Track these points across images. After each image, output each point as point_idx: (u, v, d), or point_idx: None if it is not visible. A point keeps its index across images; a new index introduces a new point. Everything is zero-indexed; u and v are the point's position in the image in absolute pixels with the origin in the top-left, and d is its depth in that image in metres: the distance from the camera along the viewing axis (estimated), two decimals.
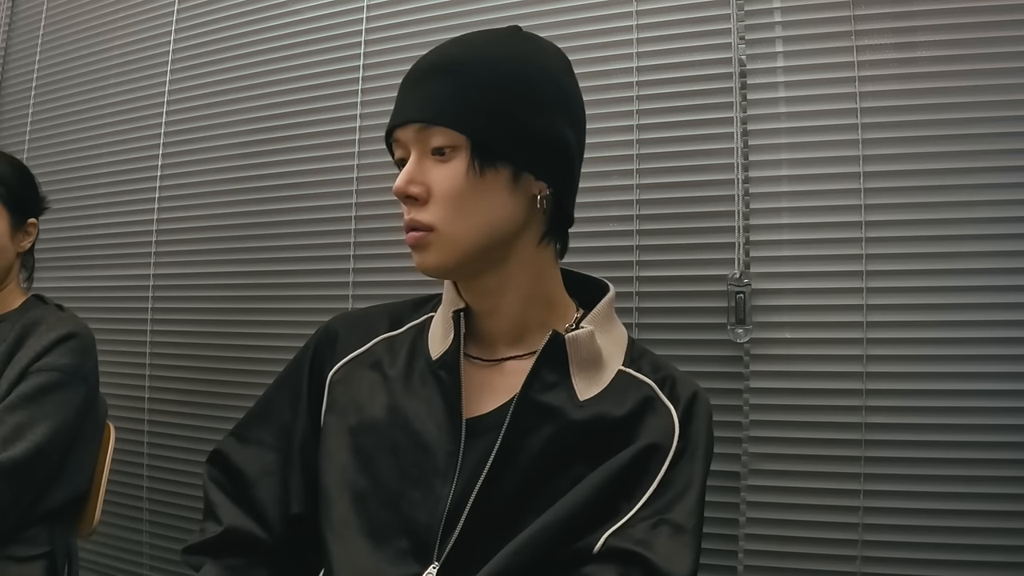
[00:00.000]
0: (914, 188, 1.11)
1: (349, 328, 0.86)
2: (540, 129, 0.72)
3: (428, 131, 0.71)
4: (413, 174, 0.72)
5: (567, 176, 0.76)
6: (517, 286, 0.76)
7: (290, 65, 1.55)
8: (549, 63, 0.76)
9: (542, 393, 0.73)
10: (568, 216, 0.79)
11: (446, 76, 0.72)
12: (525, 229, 0.75)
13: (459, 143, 0.70)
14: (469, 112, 0.70)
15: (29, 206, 1.28)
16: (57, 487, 1.19)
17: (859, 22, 1.14)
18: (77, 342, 1.21)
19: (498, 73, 0.71)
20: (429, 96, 0.71)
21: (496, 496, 0.71)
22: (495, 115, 0.70)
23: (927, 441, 1.08)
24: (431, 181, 0.72)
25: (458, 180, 0.70)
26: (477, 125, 0.70)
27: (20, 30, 2.03)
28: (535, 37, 0.79)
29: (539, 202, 0.73)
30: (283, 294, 1.52)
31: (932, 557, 1.06)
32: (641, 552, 0.66)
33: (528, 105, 0.72)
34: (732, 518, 1.16)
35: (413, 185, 0.72)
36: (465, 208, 0.71)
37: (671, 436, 0.72)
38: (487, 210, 0.71)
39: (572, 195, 0.79)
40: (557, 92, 0.75)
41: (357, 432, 0.78)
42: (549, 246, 0.78)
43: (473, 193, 0.71)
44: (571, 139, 0.75)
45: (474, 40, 0.76)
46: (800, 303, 1.15)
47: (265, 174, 1.56)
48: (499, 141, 0.71)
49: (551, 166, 0.74)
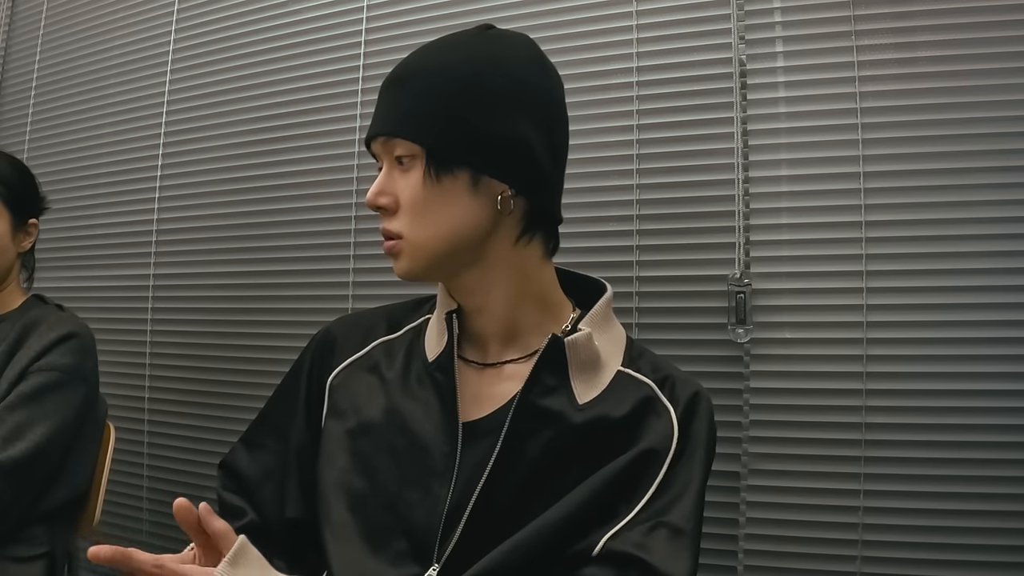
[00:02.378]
0: (914, 188, 1.11)
1: (347, 332, 0.87)
2: (496, 131, 0.72)
3: (391, 143, 0.74)
4: (383, 186, 0.74)
5: (531, 175, 0.74)
6: (499, 285, 0.76)
7: (290, 65, 1.55)
8: (512, 62, 0.74)
9: (542, 397, 0.73)
10: (548, 214, 0.77)
11: (403, 87, 0.74)
12: (496, 230, 0.74)
13: (416, 152, 0.72)
14: (420, 121, 0.72)
15: (30, 206, 1.28)
16: (57, 487, 1.19)
17: (859, 22, 1.14)
18: (77, 342, 1.21)
19: (452, 79, 0.72)
20: (391, 108, 0.74)
21: (496, 499, 0.71)
22: (448, 121, 0.71)
23: (927, 441, 1.08)
24: (398, 191, 0.74)
25: (417, 188, 0.72)
26: (429, 134, 0.71)
27: (20, 30, 2.03)
28: (503, 35, 0.78)
29: (499, 203, 0.73)
30: (283, 294, 1.52)
31: (932, 557, 1.06)
32: (640, 555, 0.66)
33: (481, 108, 0.72)
34: (732, 518, 1.16)
35: (382, 196, 0.74)
36: (427, 215, 0.72)
37: (670, 437, 0.72)
38: (448, 216, 0.72)
39: (548, 193, 0.77)
40: (518, 91, 0.73)
41: (355, 435, 0.78)
42: (532, 245, 0.77)
43: (432, 200, 0.72)
44: (532, 138, 0.73)
45: (436, 46, 0.77)
46: (800, 303, 1.15)
47: (265, 174, 1.56)
48: (452, 147, 0.71)
49: (510, 167, 0.73)
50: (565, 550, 0.68)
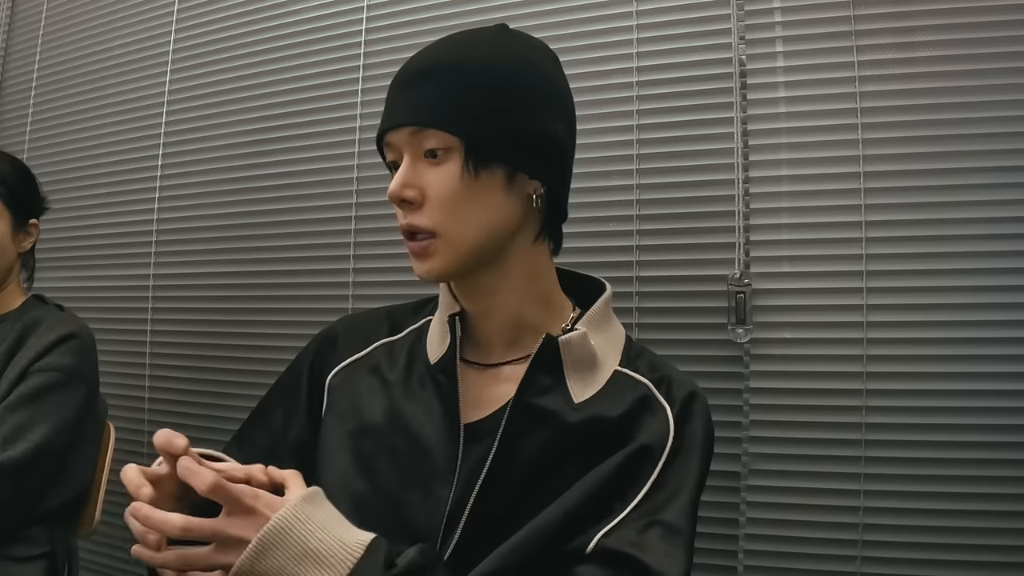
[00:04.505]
0: (914, 188, 1.11)
1: (349, 331, 0.87)
2: (533, 129, 0.72)
3: (421, 134, 0.71)
4: (407, 178, 0.72)
5: (561, 173, 0.76)
6: (512, 285, 0.76)
7: (290, 65, 1.55)
8: (538, 61, 0.76)
9: (537, 397, 0.73)
10: (562, 211, 0.79)
11: (436, 78, 0.72)
12: (521, 228, 0.75)
13: (452, 145, 0.70)
14: (461, 114, 0.70)
15: (30, 206, 1.28)
16: (57, 487, 1.19)
17: (859, 22, 1.14)
18: (77, 342, 1.21)
19: (489, 73, 0.71)
20: (420, 99, 0.71)
21: (494, 500, 0.71)
22: (488, 116, 0.70)
23: (927, 441, 1.08)
24: (425, 184, 0.71)
25: (453, 182, 0.70)
26: (469, 126, 0.70)
27: (20, 30, 2.03)
28: (522, 35, 0.78)
29: (535, 201, 0.73)
30: (283, 294, 1.52)
31: (932, 557, 1.06)
32: (633, 553, 0.66)
33: (520, 105, 0.72)
34: (732, 518, 1.16)
35: (408, 189, 0.71)
36: (463, 210, 0.71)
37: (666, 436, 0.72)
38: (484, 211, 0.71)
39: (566, 191, 0.79)
40: (547, 89, 0.75)
41: (356, 436, 0.78)
42: (544, 243, 0.78)
43: (469, 195, 0.71)
44: (563, 136, 0.75)
45: (462, 40, 0.76)
46: (800, 303, 1.15)
47: (265, 174, 1.56)
48: (492, 142, 0.71)
49: (545, 165, 0.74)
50: (561, 548, 0.68)
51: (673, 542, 0.67)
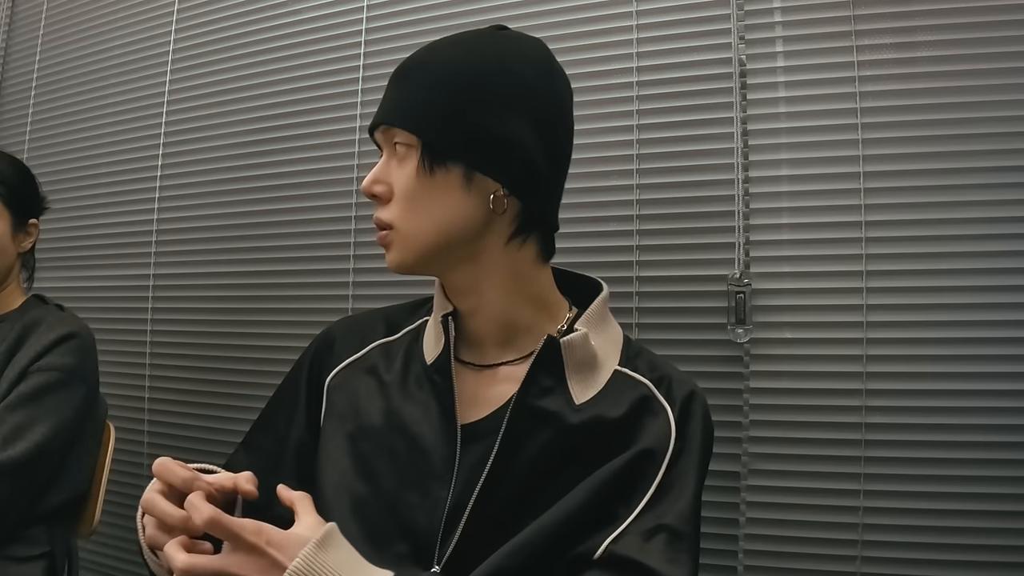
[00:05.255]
0: (914, 188, 1.11)
1: (346, 333, 0.87)
2: (492, 129, 0.72)
3: (391, 132, 0.74)
4: (379, 174, 0.75)
5: (524, 177, 0.73)
6: (495, 284, 0.76)
7: (290, 65, 1.55)
8: (518, 63, 0.74)
9: (539, 398, 0.73)
10: (542, 220, 0.76)
11: (407, 78, 0.75)
12: (488, 229, 0.74)
13: (412, 143, 0.73)
14: (420, 113, 0.72)
15: (30, 206, 1.28)
16: (57, 487, 1.19)
17: (859, 22, 1.14)
18: (77, 342, 1.21)
19: (454, 74, 0.72)
20: (393, 98, 0.75)
21: (495, 501, 0.71)
22: (446, 115, 0.72)
23: (927, 441, 1.08)
24: (393, 180, 0.74)
25: (411, 179, 0.73)
26: (427, 126, 0.72)
27: (20, 30, 2.03)
28: (514, 36, 0.78)
29: (493, 202, 0.73)
30: (283, 294, 1.52)
31: (932, 557, 1.06)
32: (641, 560, 0.66)
33: (480, 106, 0.72)
34: (732, 518, 1.16)
35: (377, 184, 0.75)
36: (418, 206, 0.73)
37: (668, 437, 0.72)
38: (439, 209, 0.72)
39: (543, 198, 0.76)
40: (519, 92, 0.73)
41: (355, 438, 0.78)
42: (525, 247, 0.76)
43: (424, 192, 0.72)
44: (529, 140, 0.73)
45: (448, 41, 0.77)
46: (800, 303, 1.15)
47: (265, 174, 1.56)
48: (447, 141, 0.72)
49: (503, 166, 0.72)
50: (565, 552, 0.68)
51: (679, 547, 0.68)
